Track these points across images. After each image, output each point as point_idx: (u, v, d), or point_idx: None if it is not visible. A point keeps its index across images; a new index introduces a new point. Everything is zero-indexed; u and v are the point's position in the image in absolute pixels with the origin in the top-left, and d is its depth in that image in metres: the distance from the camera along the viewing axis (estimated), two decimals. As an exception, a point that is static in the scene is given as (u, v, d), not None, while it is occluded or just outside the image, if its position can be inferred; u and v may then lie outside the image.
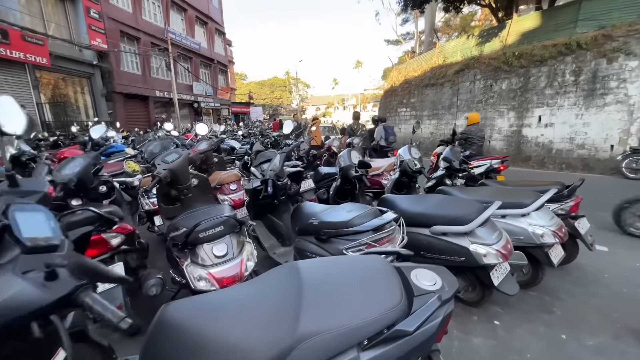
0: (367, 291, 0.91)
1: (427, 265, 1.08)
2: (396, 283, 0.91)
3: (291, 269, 1.09)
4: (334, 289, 0.92)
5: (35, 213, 0.87)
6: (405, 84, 13.79)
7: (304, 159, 4.55)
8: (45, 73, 10.75)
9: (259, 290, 1.02)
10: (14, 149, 3.86)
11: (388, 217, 1.72)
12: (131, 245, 2.21)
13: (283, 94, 50.31)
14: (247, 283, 1.17)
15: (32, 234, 0.82)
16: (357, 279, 0.96)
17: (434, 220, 2.20)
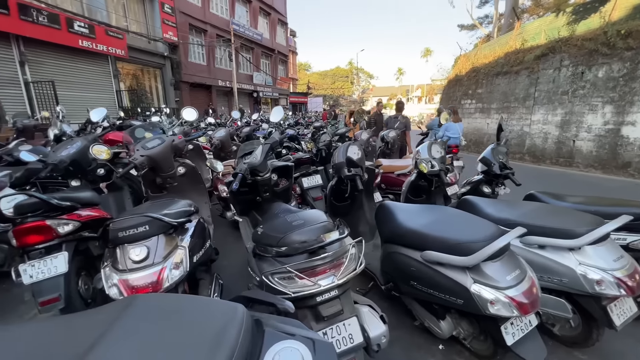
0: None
1: (309, 336, 0.66)
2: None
3: (126, 304, 0.78)
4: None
5: None
6: (473, 73, 12.12)
7: (322, 151, 4.13)
8: (124, 64, 12.12)
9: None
10: (57, 129, 4.27)
11: (330, 238, 1.24)
12: (95, 232, 2.13)
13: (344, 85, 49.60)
14: (71, 316, 0.89)
15: None
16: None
17: (429, 243, 1.64)
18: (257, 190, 2.41)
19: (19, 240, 1.74)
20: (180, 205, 1.83)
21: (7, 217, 1.73)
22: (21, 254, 1.81)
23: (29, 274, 1.73)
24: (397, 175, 3.84)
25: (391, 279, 2.03)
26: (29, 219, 1.77)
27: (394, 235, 1.92)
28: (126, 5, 12.43)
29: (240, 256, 2.95)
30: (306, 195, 3.29)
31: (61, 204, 1.87)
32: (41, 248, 1.79)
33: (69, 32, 9.27)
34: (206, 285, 1.86)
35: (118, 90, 11.55)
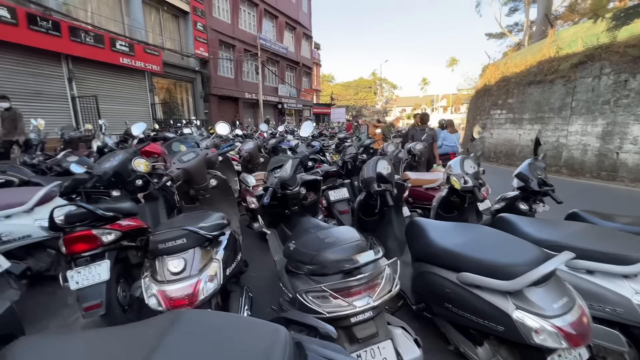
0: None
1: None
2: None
3: (172, 319, 0.82)
4: None
5: None
6: (503, 82, 11.73)
7: (349, 164, 4.13)
8: (159, 79, 12.87)
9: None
10: (100, 141, 4.58)
11: (364, 259, 1.22)
12: (134, 242, 2.24)
13: (368, 95, 49.64)
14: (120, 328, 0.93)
15: None
16: None
17: (466, 263, 1.57)
18: (286, 203, 2.44)
19: (67, 248, 1.86)
20: (214, 218, 1.88)
21: (58, 225, 1.86)
22: (69, 260, 1.93)
23: (75, 280, 1.83)
24: (425, 189, 3.75)
25: (423, 300, 1.96)
26: (77, 228, 1.90)
27: (426, 254, 1.86)
28: (162, 24, 13.29)
29: (267, 268, 2.97)
30: (332, 209, 3.29)
31: (105, 215, 1.99)
32: (87, 256, 1.90)
33: (112, 50, 10.02)
34: (237, 298, 1.89)
35: (153, 104, 12.25)
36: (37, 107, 8.38)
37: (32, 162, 3.63)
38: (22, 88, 8.14)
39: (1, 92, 7.48)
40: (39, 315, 2.36)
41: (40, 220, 2.43)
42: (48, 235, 2.48)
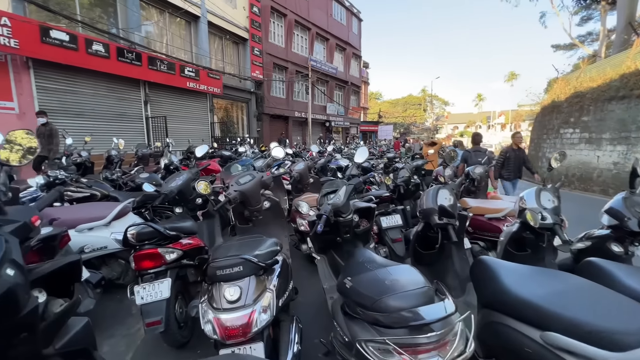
0: None
1: None
2: None
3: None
4: None
5: None
6: (575, 98, 10.55)
7: (401, 187, 3.95)
8: (218, 100, 14.00)
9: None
10: (167, 159, 5.02)
11: (435, 313, 1.08)
12: (192, 260, 2.34)
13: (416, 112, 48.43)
14: None
15: None
16: None
17: (554, 322, 1.33)
18: (338, 230, 2.38)
19: (136, 264, 2.00)
20: (268, 245, 1.88)
21: (130, 242, 2.01)
22: (136, 276, 2.06)
23: (141, 296, 1.95)
24: (488, 219, 3.41)
25: (493, 354, 1.70)
26: (146, 246, 2.03)
27: (499, 302, 1.62)
28: (224, 51, 14.58)
29: (315, 293, 2.89)
30: (384, 236, 3.13)
31: (169, 234, 2.11)
32: (152, 273, 2.02)
33: (181, 76, 11.19)
34: (287, 329, 1.84)
35: (212, 123, 13.30)
36: (119, 126, 9.61)
37: (112, 177, 4.09)
38: (109, 110, 9.43)
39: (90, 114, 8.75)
40: (108, 322, 2.56)
41: (116, 233, 2.68)
42: (120, 248, 2.71)
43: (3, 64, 7.08)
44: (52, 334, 1.14)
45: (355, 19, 24.82)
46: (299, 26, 18.91)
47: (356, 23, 25.17)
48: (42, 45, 7.28)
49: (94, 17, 9.44)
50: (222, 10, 13.32)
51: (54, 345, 1.17)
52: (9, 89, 7.20)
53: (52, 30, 7.44)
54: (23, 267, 0.96)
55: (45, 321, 1.08)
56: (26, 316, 0.96)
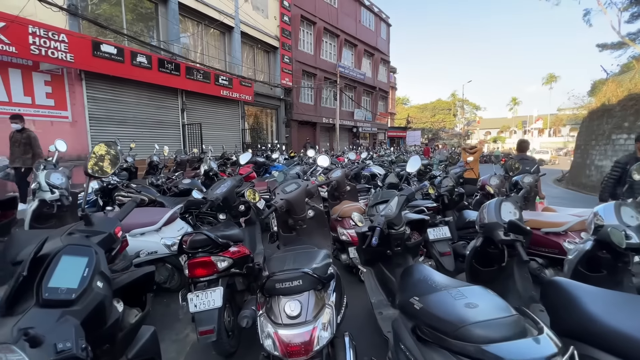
0: None
1: None
2: None
3: None
4: None
5: (78, 258, 0.91)
6: (630, 101, 9.70)
7: (445, 197, 3.76)
8: (249, 107, 14.36)
9: None
10: (207, 166, 5.16)
11: (542, 350, 0.96)
12: (241, 269, 2.33)
13: (446, 117, 47.05)
14: None
15: (57, 283, 0.84)
16: None
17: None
18: (388, 243, 2.27)
19: (190, 272, 2.01)
20: (322, 257, 1.81)
21: (185, 250, 2.04)
22: (189, 283, 2.08)
23: (194, 304, 1.95)
24: (544, 233, 3.14)
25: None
26: (199, 254, 2.04)
27: (584, 332, 1.45)
28: (255, 59, 14.99)
29: (360, 306, 2.79)
30: (432, 249, 2.98)
31: (221, 242, 2.11)
32: (205, 281, 2.02)
33: (215, 84, 11.61)
34: (342, 346, 1.75)
35: (243, 129, 13.65)
36: (158, 133, 10.11)
37: (157, 183, 4.25)
38: (149, 118, 9.96)
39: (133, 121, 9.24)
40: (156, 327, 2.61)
41: (165, 238, 2.75)
42: (169, 252, 2.78)
43: (60, 76, 7.70)
44: (127, 343, 1.14)
45: (384, 25, 24.67)
46: (328, 33, 19.06)
47: (385, 28, 25.00)
48: (93, 59, 7.85)
49: (137, 30, 10.06)
50: (255, 20, 13.73)
51: (127, 354, 1.17)
52: (64, 99, 7.81)
53: (102, 45, 8.00)
54: (110, 280, 0.96)
55: (122, 331, 1.09)
56: (110, 327, 0.96)
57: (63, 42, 7.18)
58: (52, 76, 7.56)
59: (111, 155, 1.20)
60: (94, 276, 0.90)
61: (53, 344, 0.74)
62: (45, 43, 6.89)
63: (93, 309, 0.86)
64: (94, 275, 0.90)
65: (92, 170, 1.14)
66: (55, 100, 7.64)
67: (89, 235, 1.10)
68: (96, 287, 0.89)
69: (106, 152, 1.19)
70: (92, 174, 1.15)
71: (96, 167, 1.15)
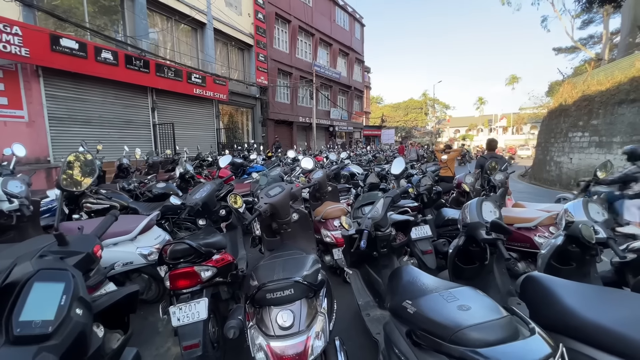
0: None
1: None
2: None
3: None
4: None
5: (54, 285, 0.82)
6: (584, 101, 10.50)
7: (424, 196, 3.86)
8: (224, 106, 13.98)
9: None
10: (182, 168, 4.95)
11: (536, 352, 1.00)
12: (225, 277, 2.25)
13: (418, 116, 48.51)
14: None
15: (30, 316, 0.75)
16: None
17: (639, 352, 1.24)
18: (375, 244, 2.29)
19: (172, 284, 1.91)
20: (312, 263, 1.79)
21: (165, 261, 1.93)
22: (171, 295, 1.97)
23: (177, 317, 1.85)
24: (517, 228, 3.32)
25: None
26: (181, 264, 1.95)
27: (562, 325, 1.53)
28: (229, 57, 14.60)
29: (345, 308, 2.79)
30: (414, 248, 3.04)
31: (204, 250, 2.02)
32: (187, 293, 1.93)
33: (188, 82, 11.17)
34: (334, 352, 1.74)
35: (218, 129, 13.26)
36: (127, 133, 9.56)
37: (129, 187, 4.01)
38: (117, 117, 9.39)
39: (98, 121, 8.67)
40: (133, 341, 2.46)
41: (141, 248, 2.60)
42: (146, 262, 2.62)
43: (14, 72, 7.06)
44: None
45: (358, 25, 24.95)
46: (303, 32, 18.97)
47: (359, 28, 25.30)
48: (52, 54, 7.26)
49: (101, 25, 9.45)
50: (228, 16, 13.36)
51: (110, 380, 1.08)
52: (19, 97, 7.17)
53: (62, 39, 7.43)
54: (90, 305, 0.87)
55: (104, 358, 1.00)
56: (92, 357, 0.88)
57: (17, 35, 6.57)
58: (5, 72, 6.90)
59: (86, 166, 1.10)
60: (72, 303, 0.81)
61: None
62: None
63: (73, 341, 0.77)
64: (72, 303, 0.81)
65: (66, 182, 1.04)
66: (9, 98, 6.98)
67: (63, 256, 0.99)
68: (75, 315, 0.81)
69: (80, 162, 1.08)
70: (65, 187, 1.05)
71: (69, 180, 1.05)
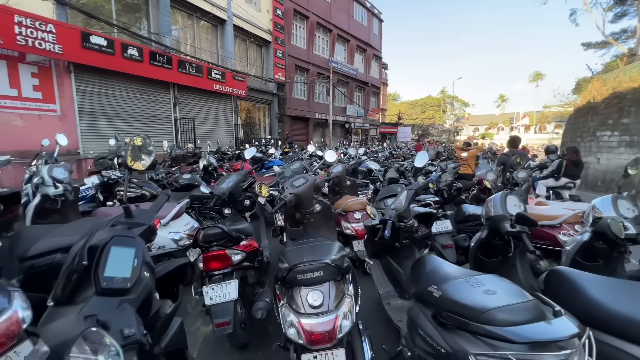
0: None
1: None
2: None
3: None
4: None
5: (126, 249, 0.93)
6: (615, 99, 10.05)
7: (444, 192, 3.87)
8: (242, 102, 14.22)
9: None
10: (206, 161, 5.12)
11: (563, 330, 1.04)
12: (252, 263, 2.36)
13: (436, 114, 47.61)
14: None
15: (112, 272, 0.86)
16: None
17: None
18: (397, 235, 2.34)
19: (205, 265, 2.03)
20: (338, 249, 1.86)
21: (199, 243, 2.05)
22: (203, 277, 2.10)
23: (210, 297, 1.98)
24: (540, 226, 3.27)
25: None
26: (213, 247, 2.06)
27: (589, 317, 1.54)
28: (248, 53, 14.81)
29: (364, 298, 2.85)
30: (434, 242, 3.06)
31: (235, 235, 2.13)
32: (220, 274, 2.05)
33: (208, 78, 11.43)
34: (358, 335, 1.81)
35: (236, 124, 13.52)
36: (150, 127, 9.91)
37: (157, 178, 4.20)
38: (141, 112, 9.75)
39: (124, 115, 9.01)
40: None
41: (173, 233, 2.75)
42: (177, 247, 2.78)
43: (47, 68, 7.45)
44: (161, 333, 1.16)
45: (376, 20, 24.68)
46: (321, 28, 18.96)
47: (377, 24, 25.02)
48: (82, 50, 7.61)
49: (127, 22, 9.79)
50: (247, 13, 13.53)
51: (160, 344, 1.19)
52: (53, 92, 7.57)
53: (92, 36, 7.77)
54: (154, 270, 0.98)
55: (159, 322, 1.11)
56: (152, 317, 0.98)
57: (51, 33, 6.93)
58: (40, 68, 7.30)
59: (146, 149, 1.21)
60: (142, 266, 0.92)
61: (119, 330, 0.76)
62: (32, 33, 6.64)
63: (143, 299, 0.88)
64: (142, 266, 0.92)
65: (131, 163, 1.15)
66: (43, 93, 7.39)
67: (130, 227, 1.11)
68: (144, 277, 0.91)
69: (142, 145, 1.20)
70: (131, 167, 1.16)
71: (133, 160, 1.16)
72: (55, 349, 0.72)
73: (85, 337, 0.68)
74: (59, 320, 0.79)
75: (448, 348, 1.25)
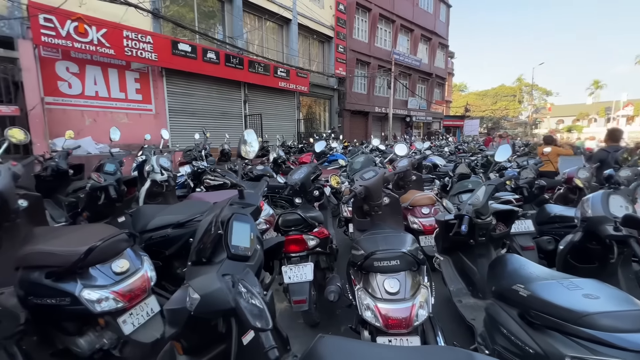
0: None
1: None
2: None
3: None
4: None
5: (244, 224, 1.11)
6: None
7: (524, 190, 3.55)
8: (304, 97, 14.69)
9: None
10: (276, 154, 5.49)
11: None
12: (323, 249, 2.51)
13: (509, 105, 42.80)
14: (413, 349, 0.99)
15: (237, 242, 1.04)
16: None
17: None
18: (472, 232, 2.26)
19: (285, 247, 2.24)
20: (412, 241, 1.89)
21: (279, 228, 2.27)
22: (282, 258, 2.31)
23: (289, 276, 2.18)
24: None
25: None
26: (292, 232, 2.26)
27: None
28: (310, 50, 15.19)
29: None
30: (512, 243, 2.86)
31: (311, 222, 2.30)
32: (297, 257, 2.24)
33: (274, 76, 12.08)
34: (430, 326, 1.83)
35: (298, 119, 14.06)
36: (223, 123, 10.91)
37: (235, 169, 4.67)
38: (217, 109, 10.80)
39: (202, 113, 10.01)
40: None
41: (252, 218, 3.05)
42: (255, 232, 3.08)
43: (145, 74, 8.71)
44: None
45: (443, 6, 23.08)
46: (383, 19, 18.46)
47: (444, 10, 23.39)
48: (172, 57, 8.71)
49: (205, 28, 10.85)
50: (311, 10, 13.85)
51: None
52: (149, 94, 8.83)
53: (179, 44, 8.83)
54: (263, 244, 1.16)
55: None
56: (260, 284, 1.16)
57: (149, 43, 8.08)
58: (140, 74, 8.58)
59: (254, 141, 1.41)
60: (255, 239, 1.10)
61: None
62: (136, 45, 7.84)
63: (258, 267, 1.06)
64: (256, 239, 1.10)
65: (244, 153, 1.37)
66: (143, 95, 8.68)
67: (243, 206, 1.32)
68: (257, 249, 1.09)
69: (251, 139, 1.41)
70: (245, 156, 1.38)
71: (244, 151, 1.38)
72: (204, 297, 0.93)
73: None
74: (202, 276, 1.01)
75: (538, 348, 1.21)
